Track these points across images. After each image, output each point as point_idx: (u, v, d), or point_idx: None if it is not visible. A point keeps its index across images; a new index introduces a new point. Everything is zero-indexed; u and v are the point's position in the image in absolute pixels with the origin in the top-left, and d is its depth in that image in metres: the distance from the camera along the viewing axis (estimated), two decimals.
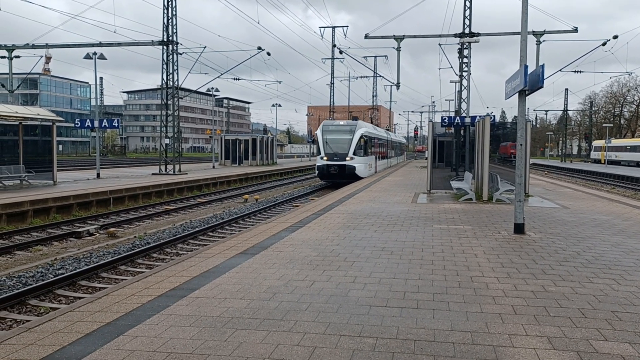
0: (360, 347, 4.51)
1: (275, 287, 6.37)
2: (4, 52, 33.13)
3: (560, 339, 4.70)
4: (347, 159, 28.96)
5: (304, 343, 4.59)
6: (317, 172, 30.35)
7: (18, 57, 33.51)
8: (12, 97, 38.38)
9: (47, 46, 34.12)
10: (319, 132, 30.36)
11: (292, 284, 6.48)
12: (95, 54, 29.24)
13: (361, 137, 29.77)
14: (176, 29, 31.33)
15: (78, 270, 10.02)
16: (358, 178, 28.65)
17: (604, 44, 28.77)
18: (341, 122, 31.02)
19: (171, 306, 5.61)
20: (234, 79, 45.84)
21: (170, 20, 31.20)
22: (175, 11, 31.24)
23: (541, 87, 9.76)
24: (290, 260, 7.79)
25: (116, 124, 31.20)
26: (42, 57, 36.47)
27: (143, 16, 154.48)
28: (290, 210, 14.05)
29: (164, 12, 31.18)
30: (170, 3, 31.23)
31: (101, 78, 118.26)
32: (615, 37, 28.30)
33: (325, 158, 29.19)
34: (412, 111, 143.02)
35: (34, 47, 32.97)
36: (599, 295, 6.09)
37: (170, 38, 31.29)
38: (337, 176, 29.14)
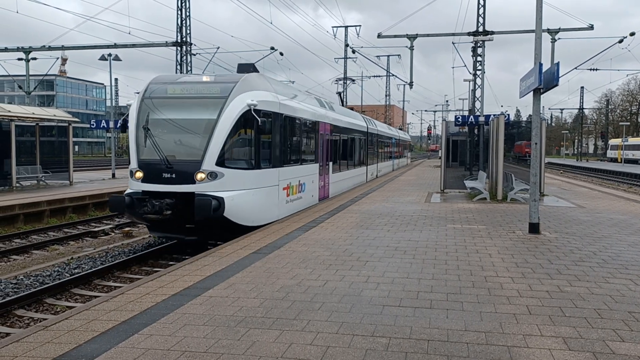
0: (374, 346, 4.50)
1: (288, 286, 6.38)
2: (21, 54, 33.65)
3: (576, 340, 4.65)
4: (198, 176, 10.74)
5: (317, 342, 4.60)
6: (121, 208, 11.40)
7: (35, 59, 34.05)
8: (29, 98, 38.92)
9: (62, 48, 34.60)
10: (133, 107, 11.81)
11: (305, 284, 6.49)
12: (110, 55, 29.54)
13: (243, 115, 11.03)
14: (190, 29, 31.55)
15: (94, 269, 10.13)
16: (238, 228, 11.00)
17: (620, 41, 28.41)
18: (198, 79, 12.09)
19: (185, 305, 5.65)
20: None
21: (184, 21, 31.42)
22: (189, 12, 31.46)
23: (556, 85, 9.68)
24: (304, 260, 7.80)
25: None
26: (58, 58, 36.92)
27: (156, 17, 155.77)
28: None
29: (177, 13, 31.40)
30: (184, 4, 31.44)
31: (116, 79, 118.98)
32: (632, 34, 27.92)
33: (139, 175, 11.33)
34: (426, 110, 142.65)
35: (50, 49, 33.45)
36: (615, 296, 6.01)
37: (184, 39, 31.51)
38: (171, 226, 11.28)
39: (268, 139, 11.97)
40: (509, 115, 28.44)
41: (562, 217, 12.57)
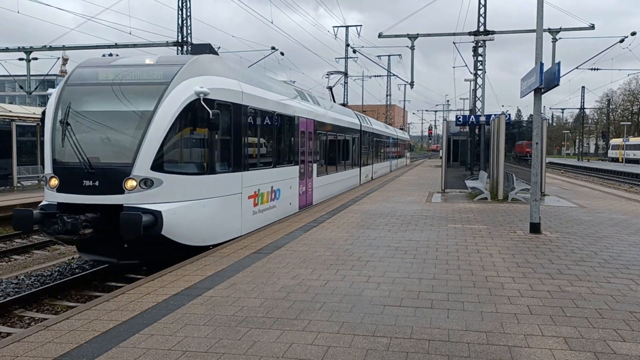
0: (374, 346, 4.50)
1: (289, 286, 6.38)
2: (22, 54, 33.69)
3: (577, 340, 4.65)
4: (128, 184, 8.33)
5: (318, 342, 4.60)
6: (28, 225, 8.67)
7: (36, 59, 34.09)
8: (30, 98, 38.95)
9: (63, 48, 34.60)
10: (52, 96, 9.39)
11: (306, 283, 6.49)
12: (110, 55, 29.49)
13: (189, 105, 8.76)
14: (190, 29, 31.56)
15: (95, 269, 10.13)
16: (184, 249, 8.76)
17: (621, 41, 28.42)
18: (138, 61, 9.75)
19: (186, 305, 5.65)
20: None
21: (184, 21, 31.44)
22: (190, 12, 31.47)
23: (557, 84, 9.69)
24: (304, 260, 7.80)
25: None
26: (59, 58, 37.03)
27: (157, 17, 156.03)
28: (304, 210, 14.06)
29: (178, 13, 31.43)
30: (184, 4, 31.47)
31: None
32: (634, 33, 27.92)
33: (54, 182, 8.70)
34: (427, 110, 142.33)
35: (51, 49, 33.47)
36: (616, 296, 6.01)
37: (185, 39, 31.52)
38: (103, 246, 8.85)
39: (227, 136, 9.76)
40: (509, 115, 28.43)
41: (563, 216, 12.56)
